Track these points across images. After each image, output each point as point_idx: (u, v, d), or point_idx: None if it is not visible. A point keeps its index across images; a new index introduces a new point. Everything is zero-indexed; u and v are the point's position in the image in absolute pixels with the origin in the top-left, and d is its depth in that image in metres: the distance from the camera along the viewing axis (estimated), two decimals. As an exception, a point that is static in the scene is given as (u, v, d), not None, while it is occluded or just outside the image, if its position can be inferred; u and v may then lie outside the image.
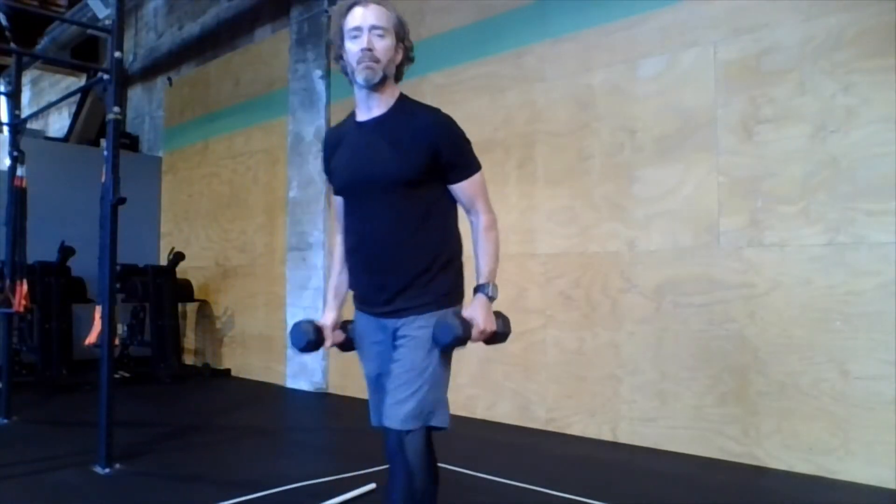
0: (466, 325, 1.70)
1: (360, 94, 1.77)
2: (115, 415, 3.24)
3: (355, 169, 1.77)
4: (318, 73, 5.75)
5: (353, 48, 1.70)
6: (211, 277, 6.98)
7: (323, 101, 5.71)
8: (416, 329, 1.71)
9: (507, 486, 2.91)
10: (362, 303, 1.86)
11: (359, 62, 1.69)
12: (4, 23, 4.52)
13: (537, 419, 4.13)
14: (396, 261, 1.73)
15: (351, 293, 1.94)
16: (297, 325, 1.91)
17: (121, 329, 6.09)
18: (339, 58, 1.77)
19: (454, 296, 1.79)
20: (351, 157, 1.79)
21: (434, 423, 1.70)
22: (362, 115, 1.79)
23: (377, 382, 1.84)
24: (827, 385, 3.09)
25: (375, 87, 1.72)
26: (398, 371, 1.70)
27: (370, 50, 1.68)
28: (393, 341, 1.76)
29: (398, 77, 1.78)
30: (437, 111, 1.77)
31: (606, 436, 3.82)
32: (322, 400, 5.35)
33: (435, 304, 1.73)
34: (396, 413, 1.67)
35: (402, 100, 1.78)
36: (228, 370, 6.59)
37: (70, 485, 3.03)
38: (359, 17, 1.70)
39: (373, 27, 1.69)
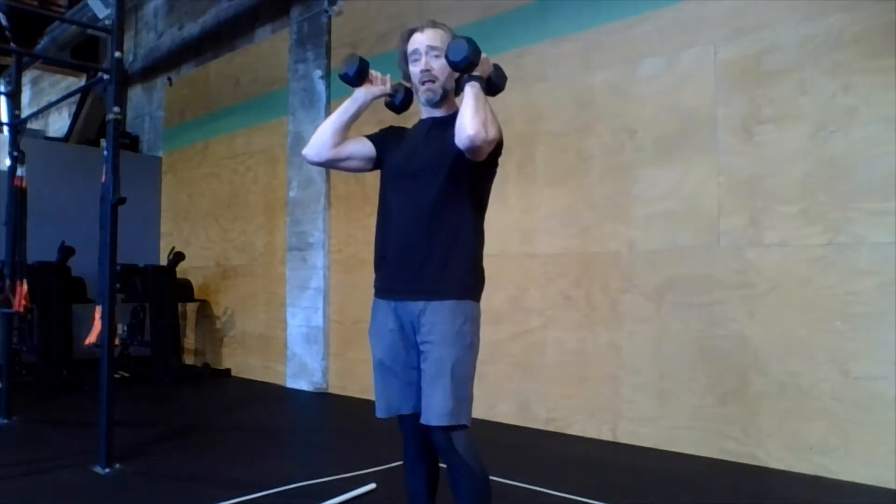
0: (477, 48, 1.75)
1: (424, 107, 1.98)
2: (115, 415, 3.24)
3: (409, 154, 1.93)
4: (318, 73, 5.75)
5: (414, 70, 1.92)
6: (211, 277, 6.98)
7: (323, 101, 5.71)
8: (443, 324, 1.80)
9: (507, 485, 2.91)
10: (384, 289, 1.95)
11: (421, 83, 1.91)
12: (4, 23, 4.52)
13: (537, 419, 4.13)
14: (430, 243, 1.85)
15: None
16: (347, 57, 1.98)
17: (121, 329, 6.09)
18: (406, 78, 1.98)
19: (475, 291, 1.91)
20: (407, 144, 1.96)
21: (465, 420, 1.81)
22: (424, 116, 2.00)
23: (385, 370, 1.91)
24: (827, 385, 3.09)
25: (437, 104, 1.94)
26: (433, 369, 1.80)
27: (428, 70, 1.88)
28: (414, 333, 1.86)
29: (457, 90, 1.91)
30: None
31: (606, 436, 3.82)
32: (322, 400, 5.35)
33: (458, 293, 1.84)
34: (436, 409, 1.76)
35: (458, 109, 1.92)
36: (228, 370, 6.59)
37: (70, 485, 3.04)
38: (416, 41, 1.91)
39: (430, 48, 1.89)
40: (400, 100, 2.01)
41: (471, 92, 1.76)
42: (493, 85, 1.87)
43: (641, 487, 3.04)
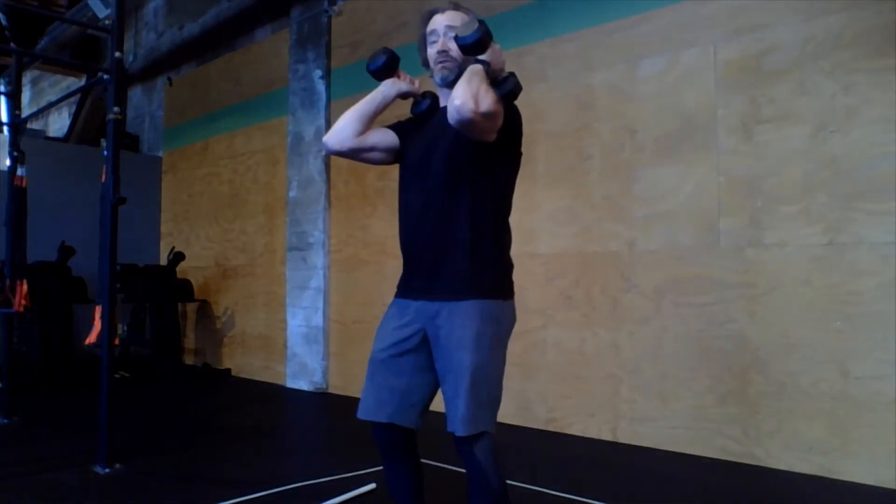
0: (488, 31, 1.69)
1: (441, 92, 1.90)
2: (115, 415, 3.24)
3: (427, 146, 1.85)
4: (318, 73, 5.75)
5: (431, 52, 1.84)
6: (211, 277, 6.98)
7: (323, 101, 5.71)
8: (460, 328, 1.70)
9: (507, 486, 2.91)
10: (402, 288, 1.88)
11: (436, 63, 1.83)
12: (4, 23, 4.52)
13: (537, 419, 4.13)
14: (446, 239, 1.76)
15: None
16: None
17: (121, 329, 6.09)
18: (425, 63, 1.89)
19: (499, 289, 1.81)
20: (426, 136, 1.88)
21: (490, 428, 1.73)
22: (442, 103, 1.90)
23: (374, 368, 1.84)
24: (827, 385, 3.09)
25: (451, 84, 1.77)
26: (451, 375, 1.70)
27: (445, 51, 1.80)
28: (423, 340, 1.77)
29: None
30: None
31: (606, 436, 3.82)
32: (322, 400, 5.35)
33: (476, 292, 1.74)
34: (457, 419, 1.67)
35: None
36: (228, 370, 6.59)
37: (70, 485, 3.03)
38: (435, 22, 1.85)
39: (448, 28, 1.82)
40: (426, 106, 1.93)
41: (469, 69, 1.65)
42: (503, 85, 1.76)
43: (641, 487, 3.04)
